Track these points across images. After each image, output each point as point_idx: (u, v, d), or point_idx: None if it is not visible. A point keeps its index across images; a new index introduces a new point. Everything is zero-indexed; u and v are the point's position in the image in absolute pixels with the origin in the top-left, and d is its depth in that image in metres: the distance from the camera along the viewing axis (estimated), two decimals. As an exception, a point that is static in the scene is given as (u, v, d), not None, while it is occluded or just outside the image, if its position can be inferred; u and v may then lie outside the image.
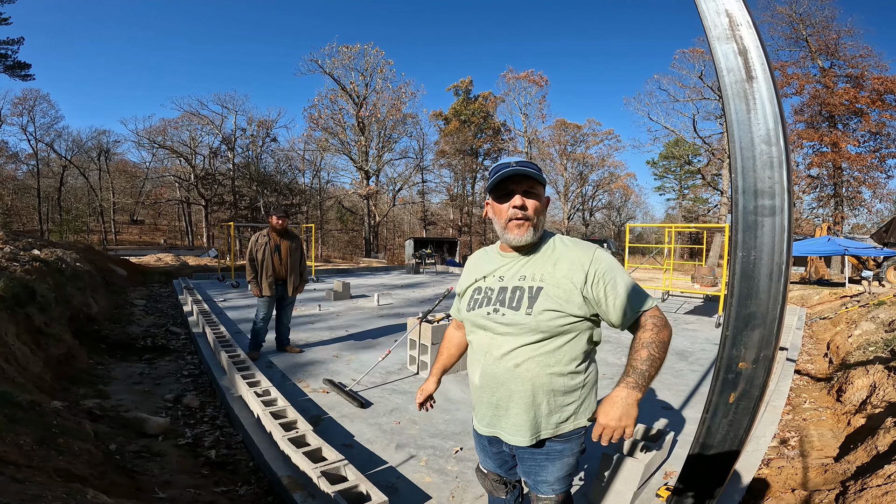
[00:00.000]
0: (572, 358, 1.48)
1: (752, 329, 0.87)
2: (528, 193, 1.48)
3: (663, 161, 48.26)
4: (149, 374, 4.92)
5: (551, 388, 1.48)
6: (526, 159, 1.49)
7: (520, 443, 1.54)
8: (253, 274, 5.27)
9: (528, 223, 1.47)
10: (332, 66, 35.25)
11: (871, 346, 5.54)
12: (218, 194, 40.55)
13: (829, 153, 27.08)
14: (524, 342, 1.47)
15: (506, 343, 1.50)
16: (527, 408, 1.50)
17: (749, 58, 0.75)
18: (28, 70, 28.29)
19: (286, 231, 5.42)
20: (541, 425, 1.52)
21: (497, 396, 1.54)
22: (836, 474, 2.95)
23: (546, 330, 1.44)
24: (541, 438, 1.53)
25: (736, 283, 0.88)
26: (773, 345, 0.85)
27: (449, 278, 16.74)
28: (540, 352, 1.46)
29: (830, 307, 10.47)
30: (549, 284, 1.46)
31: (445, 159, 43.06)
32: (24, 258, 6.62)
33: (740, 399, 0.91)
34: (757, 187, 0.81)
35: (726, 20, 0.75)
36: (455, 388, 4.55)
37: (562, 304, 1.43)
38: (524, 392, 1.49)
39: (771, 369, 0.87)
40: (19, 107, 38.41)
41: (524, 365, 1.48)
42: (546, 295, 1.45)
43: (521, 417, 1.51)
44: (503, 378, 1.51)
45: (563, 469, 1.59)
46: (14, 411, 2.39)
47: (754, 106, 0.77)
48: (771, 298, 0.84)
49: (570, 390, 1.50)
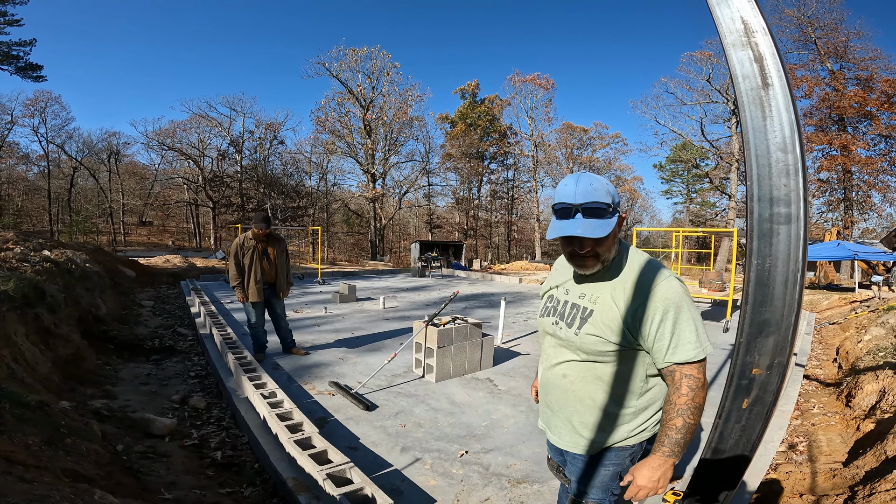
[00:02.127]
0: (619, 382, 1.48)
1: (766, 336, 0.86)
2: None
3: (671, 165, 48.05)
4: (156, 374, 4.95)
5: (595, 406, 1.51)
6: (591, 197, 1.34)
7: (557, 443, 1.64)
8: (239, 279, 5.11)
9: (593, 260, 1.43)
10: (339, 68, 35.50)
11: (881, 351, 5.48)
12: (226, 196, 40.83)
13: (838, 157, 26.86)
14: (571, 358, 1.53)
15: (559, 354, 1.58)
16: (568, 416, 1.57)
17: (765, 65, 0.74)
18: (40, 72, 28.54)
19: (270, 235, 5.30)
20: (582, 436, 1.55)
21: (549, 399, 1.65)
22: (845, 479, 2.92)
23: (590, 352, 1.47)
24: (581, 451, 1.57)
25: (750, 290, 0.87)
26: (787, 351, 0.84)
27: (455, 282, 16.73)
28: (585, 371, 1.51)
29: (840, 312, 10.36)
30: (601, 309, 1.45)
31: (451, 162, 43.10)
32: (34, 259, 6.68)
33: (753, 405, 0.90)
34: (773, 195, 0.80)
35: (741, 26, 0.74)
36: (461, 391, 4.54)
37: (604, 331, 1.43)
38: (568, 402, 1.57)
39: (785, 376, 0.87)
40: (31, 108, 38.94)
41: (570, 378, 1.55)
42: (594, 319, 1.45)
43: (563, 423, 1.60)
44: (553, 385, 1.61)
45: (599, 480, 1.59)
46: (22, 411, 2.41)
47: (770, 113, 0.76)
48: (786, 306, 0.83)
49: (617, 413, 1.50)
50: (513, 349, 6.30)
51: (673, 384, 1.39)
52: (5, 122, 37.60)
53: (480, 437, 3.56)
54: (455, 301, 10.21)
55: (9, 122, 37.85)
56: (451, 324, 4.99)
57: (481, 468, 3.08)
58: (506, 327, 7.29)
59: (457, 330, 4.92)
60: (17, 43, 27.37)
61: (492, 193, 47.71)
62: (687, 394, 1.34)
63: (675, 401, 1.36)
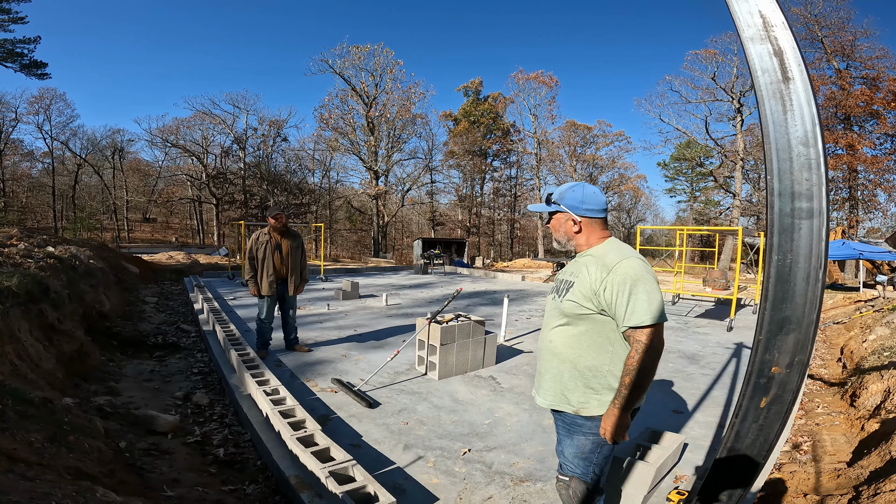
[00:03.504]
0: (592, 343, 1.76)
1: (786, 333, 0.84)
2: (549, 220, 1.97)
3: (674, 163, 47.85)
4: (159, 371, 4.96)
5: (575, 366, 1.78)
6: (545, 192, 1.93)
7: (542, 404, 1.91)
8: (252, 273, 5.19)
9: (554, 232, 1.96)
10: (342, 66, 35.43)
11: (886, 350, 5.44)
12: (229, 193, 40.90)
13: (844, 156, 26.71)
14: (558, 323, 1.84)
15: (550, 322, 1.90)
16: (553, 378, 1.85)
17: (785, 59, 0.73)
18: (44, 69, 28.55)
19: (287, 229, 5.35)
20: (565, 397, 1.81)
21: (540, 364, 1.96)
22: (849, 479, 2.90)
23: (568, 314, 1.78)
24: (562, 409, 1.83)
25: (771, 286, 0.85)
26: (808, 349, 0.83)
27: (457, 279, 16.72)
28: (567, 333, 1.80)
29: (844, 312, 10.30)
30: (579, 281, 1.77)
31: (454, 160, 43.00)
32: (38, 255, 6.70)
33: (772, 404, 0.89)
34: (794, 189, 0.79)
35: (760, 21, 0.73)
36: (463, 389, 4.53)
37: (579, 298, 1.75)
38: (552, 364, 1.86)
39: (805, 374, 0.84)
40: (35, 105, 39.03)
41: (555, 342, 1.85)
42: (574, 288, 1.78)
43: (549, 384, 1.87)
44: (543, 350, 1.93)
45: (578, 447, 1.84)
46: (25, 408, 2.41)
47: (791, 107, 0.74)
48: (807, 303, 0.82)
49: (594, 373, 1.76)
50: (516, 347, 6.29)
51: (630, 348, 1.66)
52: (10, 119, 37.76)
53: (483, 435, 3.56)
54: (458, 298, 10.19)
55: (13, 120, 38.02)
56: (453, 321, 4.98)
57: (484, 466, 3.07)
58: (509, 325, 7.27)
59: (459, 327, 4.91)
60: (22, 40, 27.40)
61: (495, 191, 47.59)
62: (634, 356, 1.61)
63: (627, 363, 1.65)
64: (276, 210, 5.29)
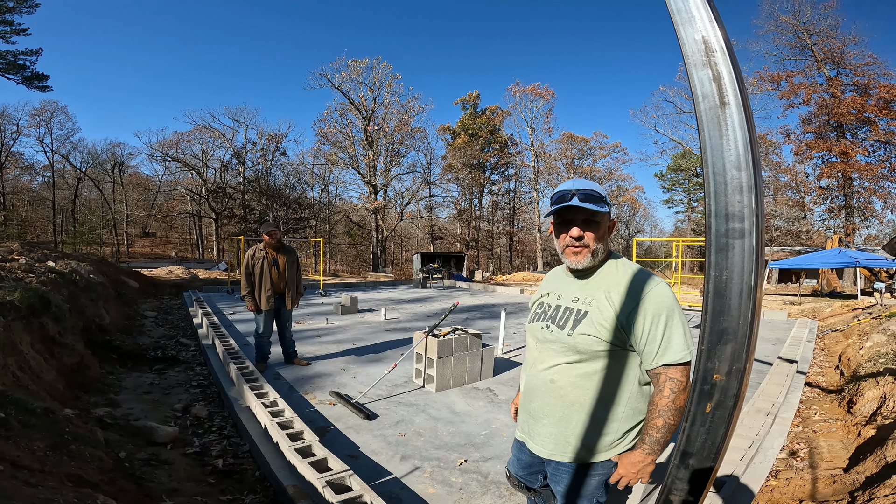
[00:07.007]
0: (609, 384, 1.50)
1: (724, 343, 0.91)
2: (589, 223, 1.48)
3: (671, 174, 48.20)
4: (158, 384, 4.98)
5: (584, 410, 1.52)
6: (588, 186, 1.47)
7: (540, 452, 1.62)
8: (249, 288, 5.21)
9: (585, 250, 1.50)
10: (340, 80, 35.85)
11: (882, 357, 5.48)
12: (228, 208, 41.03)
13: (838, 163, 26.92)
14: (561, 361, 1.54)
15: (549, 358, 1.58)
16: (556, 422, 1.57)
17: (722, 83, 0.78)
18: (46, 81, 28.51)
19: (282, 245, 5.39)
20: (569, 444, 1.55)
21: (533, 406, 1.64)
22: (845, 485, 2.93)
23: (583, 352, 1.49)
24: (568, 460, 1.57)
25: (710, 300, 0.92)
26: (744, 358, 0.89)
27: (456, 293, 16.75)
28: (576, 372, 1.52)
29: (842, 319, 10.34)
30: (596, 309, 1.49)
31: (453, 173, 43.27)
32: (39, 270, 6.75)
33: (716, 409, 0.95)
34: (728, 210, 0.85)
35: (703, 46, 0.78)
36: (461, 400, 4.56)
37: (599, 331, 1.46)
38: (555, 408, 1.56)
39: (744, 381, 0.92)
40: (37, 118, 38.97)
41: (559, 382, 1.55)
42: (589, 319, 1.49)
43: (549, 430, 1.58)
44: (539, 390, 1.61)
45: (586, 490, 1.60)
46: (28, 417, 2.45)
47: (726, 132, 0.80)
48: (741, 315, 0.88)
49: (606, 418, 1.52)
50: (513, 359, 6.31)
51: (657, 386, 1.44)
52: (11, 131, 37.84)
53: (480, 445, 3.58)
54: (456, 312, 10.22)
55: (15, 132, 38.08)
56: (451, 334, 5.02)
57: (480, 476, 3.09)
58: (506, 338, 7.30)
59: (457, 340, 4.94)
60: (24, 52, 27.43)
61: (493, 204, 47.83)
62: (668, 395, 1.40)
63: (657, 402, 1.42)
64: (271, 226, 5.30)
